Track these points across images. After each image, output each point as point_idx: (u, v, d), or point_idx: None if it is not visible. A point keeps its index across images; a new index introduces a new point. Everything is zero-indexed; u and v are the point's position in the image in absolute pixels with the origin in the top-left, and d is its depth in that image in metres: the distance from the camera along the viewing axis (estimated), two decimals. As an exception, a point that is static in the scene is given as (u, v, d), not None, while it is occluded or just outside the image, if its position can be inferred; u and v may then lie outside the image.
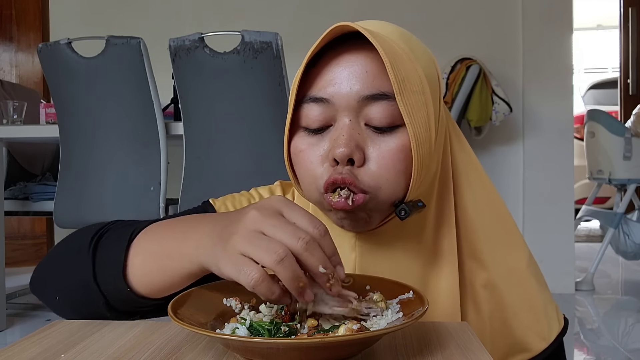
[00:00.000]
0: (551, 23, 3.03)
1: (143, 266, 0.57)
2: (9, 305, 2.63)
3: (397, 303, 0.53)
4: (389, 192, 0.57)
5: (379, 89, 0.56)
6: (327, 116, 0.58)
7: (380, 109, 0.56)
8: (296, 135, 0.60)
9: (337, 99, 0.57)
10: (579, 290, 3.07)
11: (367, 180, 0.56)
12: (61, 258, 0.64)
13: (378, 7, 3.14)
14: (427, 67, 0.59)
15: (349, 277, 0.58)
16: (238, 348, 0.46)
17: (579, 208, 3.41)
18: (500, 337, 0.66)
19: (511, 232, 0.69)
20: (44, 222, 3.66)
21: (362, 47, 0.57)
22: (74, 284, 0.60)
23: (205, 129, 2.09)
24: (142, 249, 0.58)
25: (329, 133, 0.58)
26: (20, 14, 3.70)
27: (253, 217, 0.47)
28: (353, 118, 0.57)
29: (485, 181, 0.69)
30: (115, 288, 0.57)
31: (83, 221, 2.21)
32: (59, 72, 2.17)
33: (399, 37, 0.59)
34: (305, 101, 0.59)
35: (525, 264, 0.68)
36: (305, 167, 0.59)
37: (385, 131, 0.57)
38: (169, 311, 0.48)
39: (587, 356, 2.21)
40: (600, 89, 6.10)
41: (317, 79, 0.58)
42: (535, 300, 0.68)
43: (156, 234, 0.58)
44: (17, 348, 0.52)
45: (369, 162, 0.57)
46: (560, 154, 3.05)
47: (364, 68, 0.57)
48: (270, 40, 1.95)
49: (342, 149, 0.55)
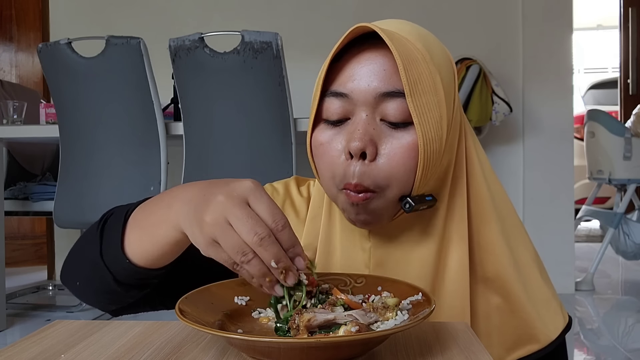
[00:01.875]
0: (551, 23, 3.03)
1: (137, 239, 0.61)
2: (9, 305, 2.63)
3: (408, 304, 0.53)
4: (397, 189, 0.61)
5: (395, 87, 0.59)
6: (346, 110, 0.62)
7: (395, 105, 0.59)
8: (318, 127, 0.64)
9: (355, 94, 0.61)
10: (579, 290, 3.07)
11: (377, 177, 0.60)
12: (78, 246, 0.69)
13: (378, 7, 3.14)
14: (442, 66, 0.62)
15: (362, 278, 0.60)
16: (241, 346, 0.47)
17: (579, 208, 3.41)
18: (509, 328, 0.67)
19: (519, 228, 0.71)
20: (44, 222, 3.66)
21: (381, 46, 0.60)
22: (87, 266, 0.65)
23: (205, 129, 2.09)
24: (135, 223, 0.62)
25: (347, 126, 0.62)
26: (20, 14, 3.70)
27: (220, 203, 0.50)
28: (370, 113, 0.61)
29: (494, 179, 0.71)
30: (118, 263, 0.61)
31: (83, 221, 2.21)
32: (59, 72, 2.17)
33: (417, 37, 0.62)
34: (327, 95, 0.63)
35: (532, 258, 0.70)
36: (325, 161, 0.63)
37: (399, 127, 0.60)
38: (176, 309, 0.49)
39: (587, 356, 2.21)
40: (600, 89, 6.10)
41: (339, 74, 0.62)
42: (542, 294, 0.69)
43: (147, 208, 0.62)
44: (17, 348, 0.52)
45: (380, 157, 0.60)
46: (560, 154, 3.05)
47: (382, 66, 0.60)
48: (270, 40, 1.95)
49: (357, 143, 0.59)
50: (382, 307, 0.51)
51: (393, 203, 0.62)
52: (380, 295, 0.56)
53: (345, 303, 0.53)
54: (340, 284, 0.59)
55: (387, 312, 0.50)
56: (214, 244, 0.50)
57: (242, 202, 0.50)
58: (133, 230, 0.62)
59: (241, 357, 0.48)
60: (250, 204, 0.50)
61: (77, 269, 0.68)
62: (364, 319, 0.49)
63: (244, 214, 0.49)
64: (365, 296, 0.56)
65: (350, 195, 0.60)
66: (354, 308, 0.52)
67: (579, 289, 3.08)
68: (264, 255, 0.48)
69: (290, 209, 0.75)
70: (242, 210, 0.49)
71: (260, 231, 0.48)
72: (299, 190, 0.77)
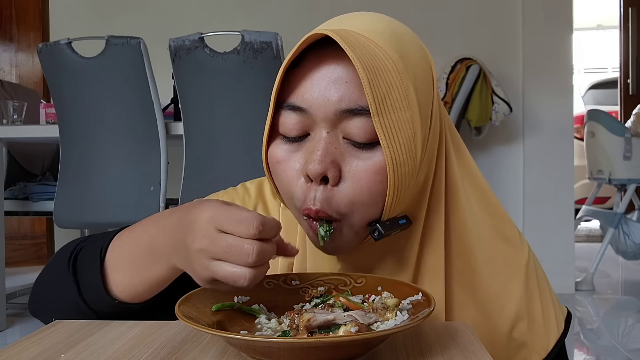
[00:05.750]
0: (551, 23, 3.03)
1: (123, 279, 0.59)
2: (9, 305, 2.63)
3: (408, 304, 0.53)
4: (362, 216, 0.55)
5: (357, 103, 0.52)
6: (304, 125, 0.55)
7: (359, 124, 0.53)
8: (274, 142, 0.57)
9: (314, 109, 0.54)
10: (579, 290, 3.07)
11: (341, 204, 0.54)
12: (49, 281, 0.65)
13: (378, 7, 3.14)
14: (418, 74, 0.55)
15: (362, 278, 0.59)
16: (241, 346, 0.47)
17: (579, 208, 3.41)
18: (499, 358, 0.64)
19: (509, 241, 0.66)
20: (44, 222, 3.66)
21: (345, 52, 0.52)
22: (66, 306, 0.62)
23: (205, 129, 2.09)
24: (116, 264, 0.60)
25: (307, 142, 0.55)
26: (20, 14, 3.70)
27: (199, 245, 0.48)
28: (331, 130, 0.54)
29: (482, 187, 0.66)
30: (104, 304, 0.60)
31: (83, 221, 2.21)
32: (59, 72, 2.17)
33: (389, 40, 0.54)
34: (283, 107, 0.56)
35: (525, 269, 0.66)
36: (282, 181, 0.57)
37: (364, 147, 0.53)
38: (176, 309, 0.49)
39: (587, 356, 2.21)
40: (600, 89, 6.10)
41: (298, 84, 0.55)
42: (533, 310, 0.65)
43: (124, 246, 0.60)
44: (17, 348, 0.52)
45: (344, 181, 0.54)
46: (560, 154, 3.05)
47: (344, 77, 0.53)
48: (270, 40, 1.95)
49: (317, 166, 0.52)
50: (382, 308, 0.51)
51: (360, 228, 0.56)
52: (380, 296, 0.55)
53: (344, 305, 0.53)
54: (340, 284, 0.59)
55: (387, 313, 0.50)
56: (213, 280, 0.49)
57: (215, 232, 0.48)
58: (115, 271, 0.60)
59: (241, 357, 0.48)
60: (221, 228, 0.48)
61: (52, 307, 0.65)
62: (364, 319, 0.49)
63: (228, 244, 0.47)
64: (365, 296, 0.56)
65: (312, 223, 0.55)
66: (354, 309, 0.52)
67: (579, 289, 3.08)
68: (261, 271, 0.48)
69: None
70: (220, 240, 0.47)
71: (250, 251, 0.46)
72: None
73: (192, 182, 2.10)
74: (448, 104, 2.73)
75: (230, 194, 0.73)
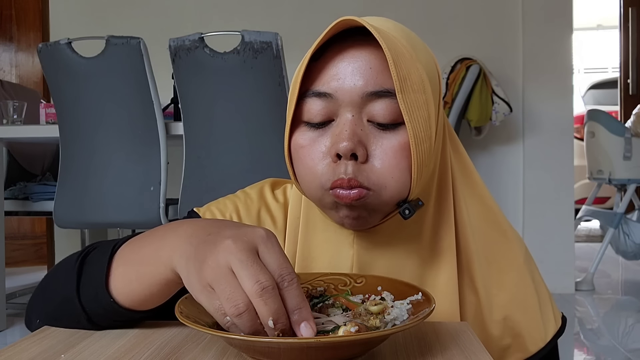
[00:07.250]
0: (551, 23, 3.03)
1: (123, 276, 0.55)
2: (9, 305, 2.63)
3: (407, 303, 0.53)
4: (393, 191, 0.57)
5: (382, 86, 0.56)
6: (329, 111, 0.57)
7: (383, 105, 0.56)
8: (297, 131, 0.60)
9: (340, 94, 0.57)
10: (579, 290, 3.07)
11: (373, 178, 0.56)
12: (47, 280, 0.62)
13: (378, 7, 3.14)
14: (428, 65, 0.59)
15: (362, 277, 0.59)
16: (241, 346, 0.47)
17: (579, 208, 3.41)
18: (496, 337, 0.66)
19: (504, 234, 0.68)
20: (44, 222, 3.66)
21: (366, 43, 0.56)
22: (56, 302, 0.58)
23: (205, 129, 2.09)
24: (123, 259, 0.56)
25: (331, 128, 0.58)
26: (20, 14, 3.70)
27: (226, 248, 0.45)
28: (356, 114, 0.57)
29: (477, 183, 0.68)
30: (98, 302, 0.55)
31: (83, 221, 2.21)
32: (59, 72, 2.17)
33: (401, 35, 0.59)
34: (307, 95, 0.58)
35: (522, 261, 0.68)
36: (306, 164, 0.58)
37: (388, 128, 0.57)
38: (176, 309, 0.48)
39: (587, 356, 2.21)
40: (600, 89, 6.11)
41: (321, 73, 0.58)
42: (530, 300, 0.67)
43: (138, 241, 0.56)
44: (17, 348, 0.52)
45: (372, 159, 0.56)
46: (560, 154, 3.05)
47: (368, 64, 0.56)
48: (270, 40, 1.95)
49: (346, 143, 0.55)
50: (366, 314, 0.50)
51: (388, 206, 0.58)
52: (381, 295, 0.55)
53: (343, 305, 0.53)
54: (340, 284, 0.59)
55: (371, 319, 0.50)
56: (209, 289, 0.45)
57: (251, 248, 0.45)
58: (119, 267, 0.55)
59: (241, 357, 0.48)
60: (259, 253, 0.45)
61: (41, 306, 0.60)
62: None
63: (249, 259, 0.44)
64: (365, 296, 0.56)
65: (341, 195, 0.55)
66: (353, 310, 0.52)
67: (579, 289, 3.08)
68: (261, 310, 0.43)
69: (267, 215, 0.70)
70: (248, 255, 0.44)
71: (264, 280, 0.43)
72: (273, 195, 0.72)
73: (192, 182, 2.10)
74: (448, 104, 2.74)
75: (231, 200, 0.72)
